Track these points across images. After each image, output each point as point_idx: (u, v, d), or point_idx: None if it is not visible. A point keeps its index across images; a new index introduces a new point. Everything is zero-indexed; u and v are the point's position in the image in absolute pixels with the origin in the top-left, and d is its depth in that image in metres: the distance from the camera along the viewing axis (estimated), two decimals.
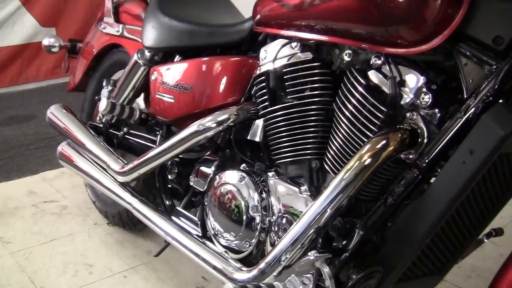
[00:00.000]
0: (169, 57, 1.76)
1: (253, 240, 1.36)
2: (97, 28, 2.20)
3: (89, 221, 2.34)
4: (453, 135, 1.04)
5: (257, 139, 1.46)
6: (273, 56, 1.32)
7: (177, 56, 1.72)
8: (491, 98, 0.99)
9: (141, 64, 1.80)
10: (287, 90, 1.30)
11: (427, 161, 1.08)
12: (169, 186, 1.73)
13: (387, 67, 1.12)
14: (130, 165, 1.64)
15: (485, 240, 1.27)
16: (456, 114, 1.04)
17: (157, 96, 1.68)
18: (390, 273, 1.12)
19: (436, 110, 1.07)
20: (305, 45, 1.27)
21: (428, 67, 1.11)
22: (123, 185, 1.77)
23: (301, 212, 1.27)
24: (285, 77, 1.30)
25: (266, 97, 1.36)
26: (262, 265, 1.19)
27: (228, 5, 1.93)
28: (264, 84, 1.36)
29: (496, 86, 0.98)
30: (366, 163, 1.07)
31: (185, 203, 1.65)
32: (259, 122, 1.46)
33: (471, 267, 1.97)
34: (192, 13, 1.74)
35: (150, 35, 1.72)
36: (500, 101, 0.99)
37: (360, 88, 1.14)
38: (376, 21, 1.09)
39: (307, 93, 1.27)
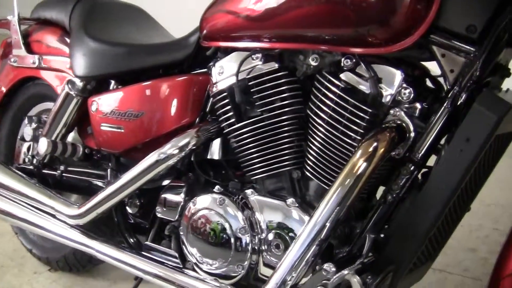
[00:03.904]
0: (103, 84, 1.65)
1: (246, 262, 1.30)
2: (4, 63, 2.01)
3: (27, 271, 2.14)
4: (443, 125, 1.06)
5: (216, 157, 1.42)
6: (234, 70, 1.27)
7: (113, 83, 1.61)
8: (474, 86, 1.02)
9: (73, 95, 1.66)
10: (256, 104, 1.26)
11: (421, 154, 1.09)
12: (130, 221, 1.62)
13: (363, 67, 1.11)
14: (87, 206, 1.51)
15: None
16: (443, 105, 1.06)
17: (102, 128, 1.56)
18: (399, 270, 1.12)
19: (417, 104, 1.09)
20: (267, 55, 1.24)
21: (402, 62, 1.12)
22: (75, 227, 1.62)
23: (292, 225, 1.24)
24: (251, 90, 1.25)
25: (231, 113, 1.30)
26: None
27: (153, 23, 1.84)
28: (226, 101, 1.30)
29: (478, 73, 1.02)
30: (361, 169, 1.06)
31: (152, 236, 1.54)
32: (217, 140, 1.41)
33: None
34: (123, 34, 1.63)
35: (81, 64, 1.59)
36: (484, 89, 1.02)
37: (338, 91, 1.13)
38: (348, 23, 1.08)
39: (277, 103, 1.24)
